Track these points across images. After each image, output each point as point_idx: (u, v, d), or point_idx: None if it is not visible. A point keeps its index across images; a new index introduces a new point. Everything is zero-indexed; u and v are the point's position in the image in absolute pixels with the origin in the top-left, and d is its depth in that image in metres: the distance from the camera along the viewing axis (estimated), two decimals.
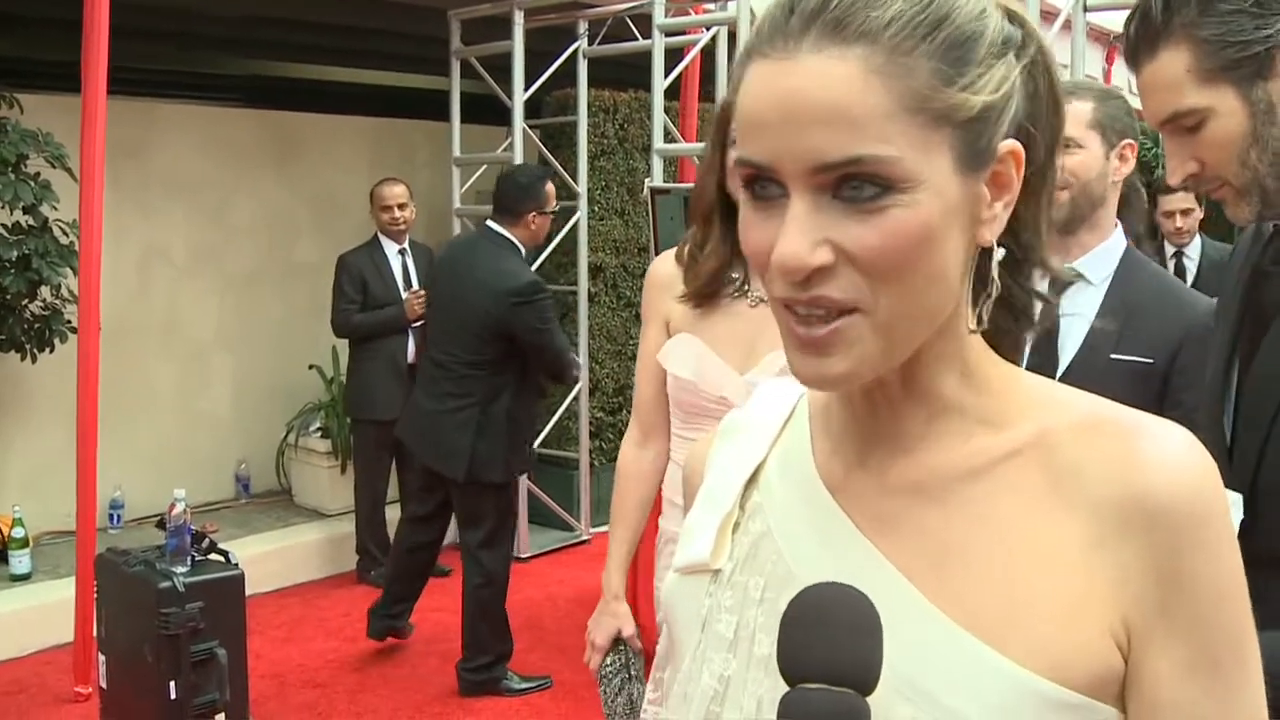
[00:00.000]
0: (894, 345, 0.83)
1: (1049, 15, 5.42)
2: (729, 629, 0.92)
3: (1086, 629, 0.82)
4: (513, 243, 4.69)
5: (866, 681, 0.74)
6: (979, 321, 0.89)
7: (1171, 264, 5.50)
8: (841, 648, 0.75)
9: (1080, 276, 2.29)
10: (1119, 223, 2.36)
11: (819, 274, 0.80)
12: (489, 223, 4.77)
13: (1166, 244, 5.64)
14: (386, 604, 5.13)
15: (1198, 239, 5.66)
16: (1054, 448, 0.86)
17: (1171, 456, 0.84)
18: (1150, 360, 2.17)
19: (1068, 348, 2.25)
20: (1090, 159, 2.24)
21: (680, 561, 0.98)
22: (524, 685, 4.90)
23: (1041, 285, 0.94)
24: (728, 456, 1.01)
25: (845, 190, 0.79)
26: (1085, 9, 4.96)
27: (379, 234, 6.22)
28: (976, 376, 0.90)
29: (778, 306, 0.84)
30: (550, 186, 4.82)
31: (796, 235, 0.79)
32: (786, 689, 0.75)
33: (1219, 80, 1.49)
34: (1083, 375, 2.18)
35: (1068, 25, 5.05)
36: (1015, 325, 0.94)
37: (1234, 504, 1.62)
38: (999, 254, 0.87)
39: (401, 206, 6.17)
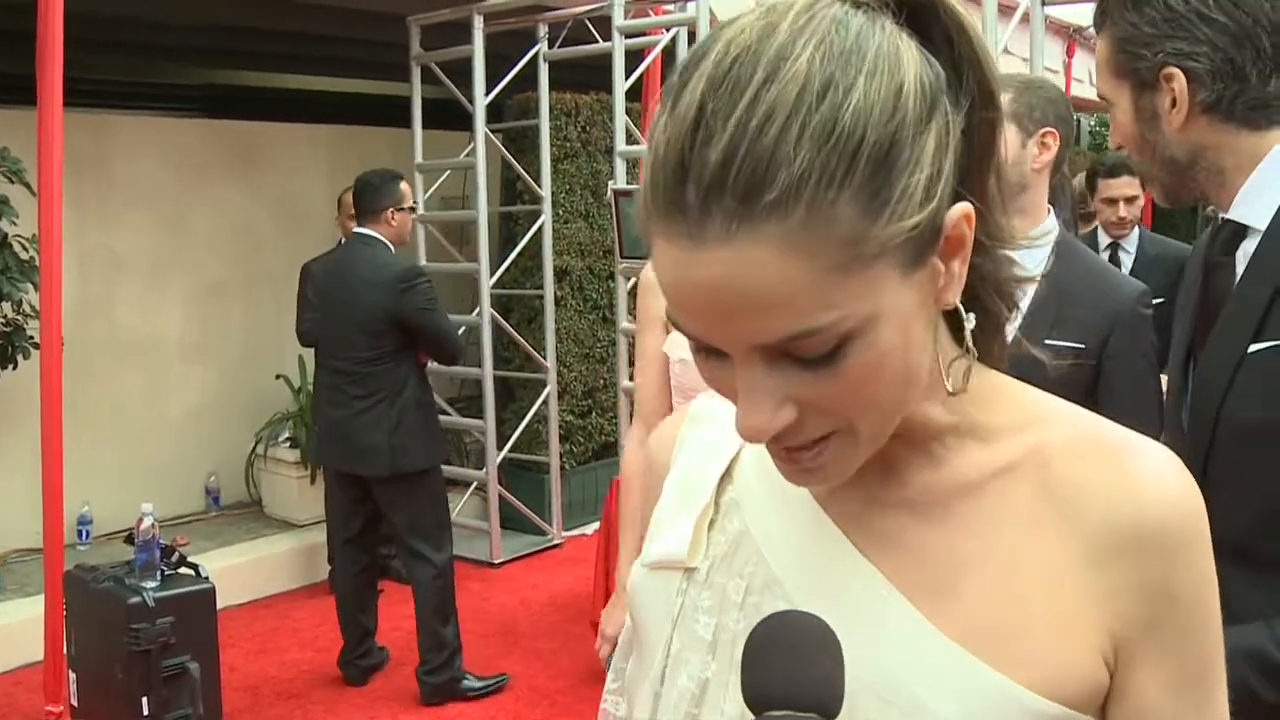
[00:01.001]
0: (876, 442, 0.81)
1: (1008, 9, 5.46)
2: (707, 631, 0.90)
3: (1078, 646, 0.82)
4: (382, 241, 4.83)
5: (829, 705, 0.74)
6: (963, 379, 0.84)
7: (1106, 255, 4.94)
8: (802, 672, 0.74)
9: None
10: (1052, 209, 2.39)
11: (789, 428, 0.76)
12: (356, 229, 4.93)
13: (1101, 234, 5.07)
14: (353, 645, 5.06)
15: (1136, 231, 5.07)
16: (1048, 465, 0.85)
17: (1163, 478, 0.84)
18: (1081, 345, 2.20)
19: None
20: (1027, 156, 2.29)
21: (652, 556, 0.95)
22: (482, 684, 4.92)
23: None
24: (699, 445, 0.99)
25: (795, 351, 0.73)
26: (1044, 3, 4.99)
27: (343, 240, 6.16)
28: (965, 400, 0.86)
29: None
30: (404, 185, 4.96)
31: (754, 406, 0.75)
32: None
33: (1120, 77, 1.60)
34: (1015, 362, 2.21)
35: (1026, 18, 5.08)
36: (998, 333, 0.91)
37: None
38: (970, 321, 0.82)
39: None
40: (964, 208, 0.77)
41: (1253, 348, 1.54)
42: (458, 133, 6.98)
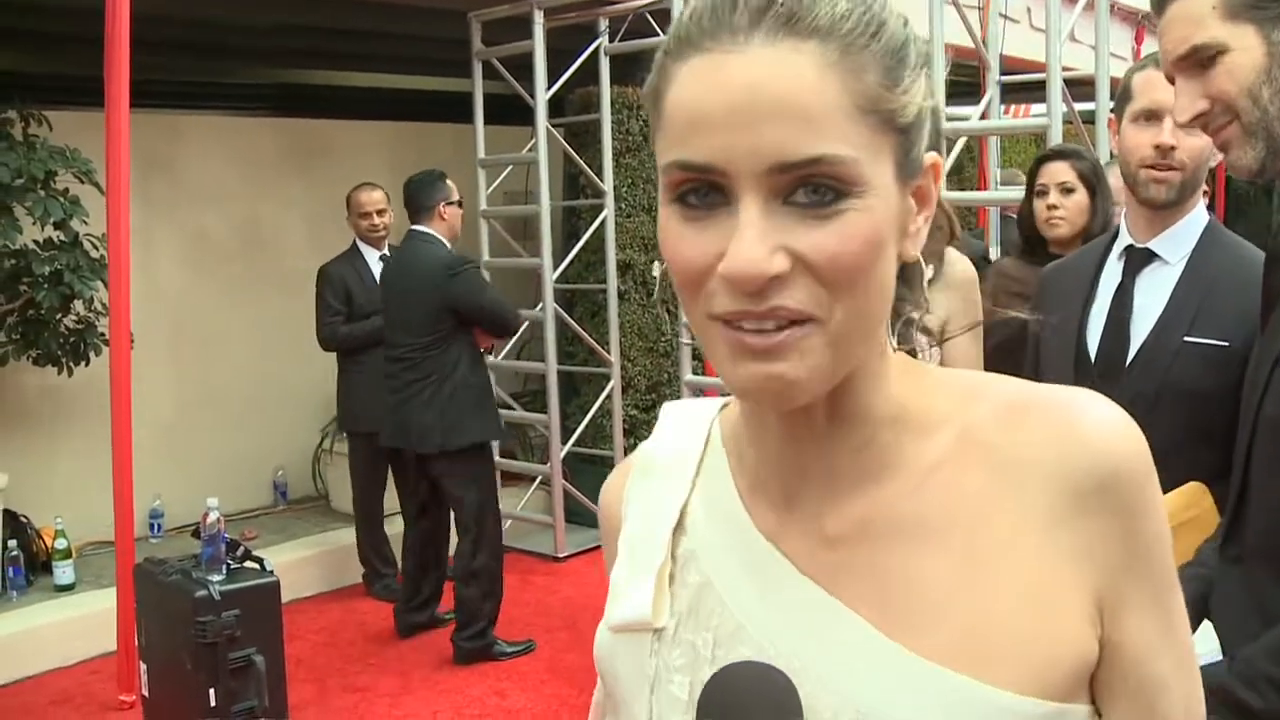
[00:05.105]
0: (842, 359, 0.79)
1: None
2: (682, 690, 0.87)
3: (1060, 619, 0.81)
4: (437, 237, 5.18)
5: None
6: (901, 340, 0.88)
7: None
8: None
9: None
10: (1205, 197, 2.26)
11: (774, 283, 0.75)
12: (412, 227, 5.22)
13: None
14: (407, 598, 5.54)
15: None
16: (985, 442, 0.84)
17: (1106, 424, 0.83)
18: (1226, 343, 2.05)
19: (1139, 331, 2.17)
20: (1206, 144, 2.09)
21: (616, 619, 0.93)
22: (512, 649, 5.27)
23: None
24: (646, 499, 0.96)
25: (799, 195, 0.75)
26: None
27: (358, 241, 6.07)
28: (900, 386, 0.87)
29: (713, 324, 0.78)
30: (449, 181, 5.27)
31: (753, 242, 0.74)
32: None
33: (1242, 18, 1.54)
34: (1153, 358, 2.13)
35: (1092, 5, 5.00)
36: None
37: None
38: (930, 271, 0.86)
39: (380, 212, 6.05)
40: (935, 157, 0.83)
41: None
42: (520, 128, 6.99)
